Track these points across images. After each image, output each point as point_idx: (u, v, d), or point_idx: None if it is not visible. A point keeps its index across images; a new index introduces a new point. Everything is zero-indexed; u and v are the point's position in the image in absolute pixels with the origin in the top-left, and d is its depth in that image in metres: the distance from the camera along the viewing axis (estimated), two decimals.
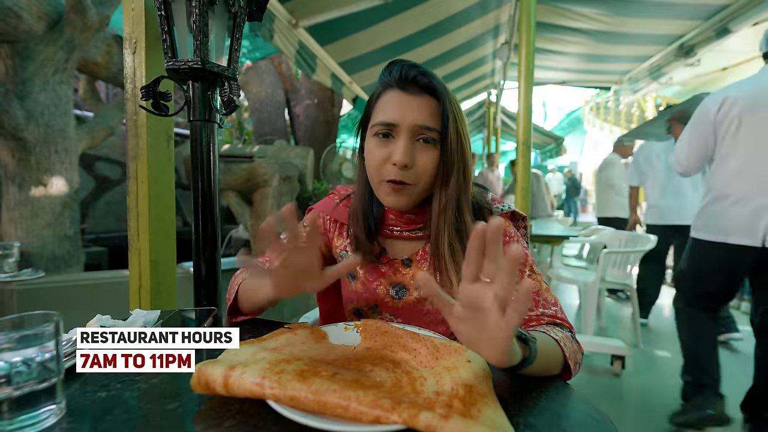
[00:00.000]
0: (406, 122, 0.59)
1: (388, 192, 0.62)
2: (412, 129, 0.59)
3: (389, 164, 0.60)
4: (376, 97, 0.63)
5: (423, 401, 0.36)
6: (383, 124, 0.60)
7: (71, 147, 2.19)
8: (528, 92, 1.81)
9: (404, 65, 0.61)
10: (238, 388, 0.39)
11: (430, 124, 0.60)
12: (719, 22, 2.91)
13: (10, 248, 1.84)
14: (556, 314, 0.59)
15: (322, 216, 0.77)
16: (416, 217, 0.68)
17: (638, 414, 1.69)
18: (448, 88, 0.62)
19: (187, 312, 0.70)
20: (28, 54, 1.96)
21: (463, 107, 7.38)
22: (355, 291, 0.72)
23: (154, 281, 1.05)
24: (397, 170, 0.59)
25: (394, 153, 0.59)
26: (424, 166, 0.60)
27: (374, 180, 0.63)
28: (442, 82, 0.61)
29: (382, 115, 0.61)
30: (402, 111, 0.59)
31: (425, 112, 0.60)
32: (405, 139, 0.59)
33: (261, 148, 3.20)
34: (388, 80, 0.62)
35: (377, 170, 0.62)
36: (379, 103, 0.62)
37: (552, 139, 8.88)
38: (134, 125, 1.04)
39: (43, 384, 0.37)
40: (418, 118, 0.59)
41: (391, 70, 0.62)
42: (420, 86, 0.60)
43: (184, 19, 0.79)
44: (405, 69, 0.60)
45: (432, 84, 0.60)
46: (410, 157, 0.59)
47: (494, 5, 3.27)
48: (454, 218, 0.62)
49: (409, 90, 0.60)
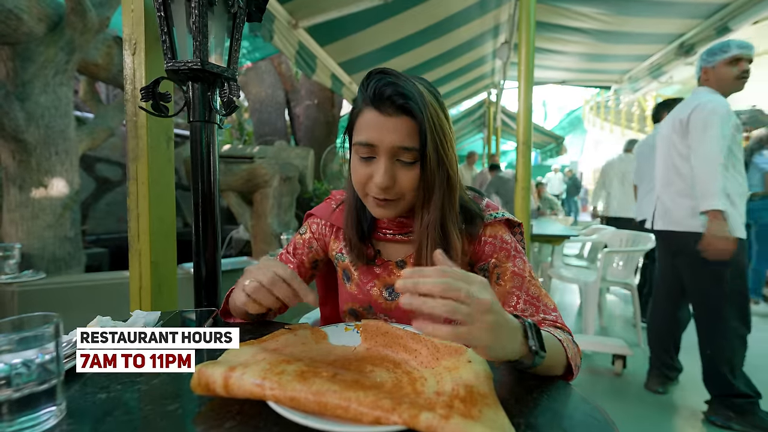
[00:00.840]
0: (384, 144, 0.58)
1: (374, 205, 0.62)
2: (390, 150, 0.58)
3: (372, 183, 0.60)
4: (357, 112, 0.62)
5: (424, 402, 0.36)
6: (363, 145, 0.59)
7: (72, 148, 2.19)
8: (528, 92, 1.81)
9: (379, 82, 0.57)
10: (238, 389, 0.39)
11: (408, 144, 0.58)
12: (719, 20, 2.91)
13: (10, 250, 1.84)
14: (556, 320, 0.60)
15: (318, 221, 0.78)
16: (407, 220, 0.68)
17: (639, 413, 1.69)
18: (427, 100, 0.59)
19: (188, 313, 0.70)
20: (28, 56, 1.97)
21: (463, 107, 7.33)
22: (350, 292, 0.73)
23: (155, 282, 1.05)
24: (378, 190, 0.59)
25: (374, 174, 0.59)
26: (405, 185, 0.60)
27: (360, 193, 0.64)
28: (419, 97, 0.57)
29: (362, 135, 0.59)
30: (379, 133, 0.58)
31: (402, 133, 0.57)
32: (384, 161, 0.58)
33: (261, 149, 3.20)
34: (365, 97, 0.59)
35: (362, 187, 0.62)
36: (359, 121, 0.61)
37: (552, 139, 8.87)
38: (134, 126, 1.04)
39: (44, 385, 0.37)
40: (396, 139, 0.57)
41: (367, 85, 0.59)
42: (396, 106, 0.57)
43: (183, 20, 0.79)
44: (379, 87, 0.57)
45: (408, 105, 0.56)
46: (390, 179, 0.59)
47: (494, 5, 3.26)
48: (438, 236, 0.62)
49: (384, 110, 0.57)
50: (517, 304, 0.61)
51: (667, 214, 1.74)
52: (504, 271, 0.64)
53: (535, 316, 0.60)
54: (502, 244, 0.66)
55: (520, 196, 1.85)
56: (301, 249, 0.77)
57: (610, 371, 2.06)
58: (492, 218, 0.68)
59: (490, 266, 0.66)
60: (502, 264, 0.65)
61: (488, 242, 0.67)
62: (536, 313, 0.60)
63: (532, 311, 0.61)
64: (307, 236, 0.77)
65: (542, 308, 0.61)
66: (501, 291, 0.63)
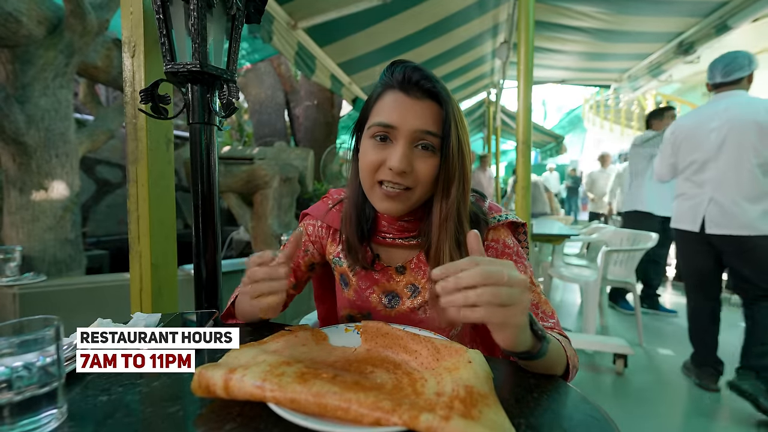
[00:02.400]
0: (406, 126, 0.56)
1: (381, 197, 0.59)
2: (411, 134, 0.57)
3: (385, 168, 0.58)
4: (376, 97, 0.60)
5: (424, 402, 0.36)
6: (382, 126, 0.57)
7: (72, 151, 2.19)
8: (527, 91, 1.81)
9: (407, 66, 0.58)
10: (238, 391, 0.39)
11: (432, 129, 0.57)
12: (719, 19, 2.91)
13: (11, 252, 1.84)
14: (554, 327, 0.60)
15: (314, 223, 0.75)
16: (409, 224, 0.66)
17: (641, 413, 1.69)
18: (451, 93, 0.59)
19: (188, 314, 0.70)
20: (28, 58, 1.97)
21: (463, 107, 7.37)
22: (348, 298, 0.71)
23: (155, 284, 1.05)
24: (393, 174, 0.57)
25: (390, 157, 0.57)
26: (423, 174, 0.58)
27: (367, 183, 0.61)
28: (445, 87, 0.59)
29: (381, 116, 0.58)
30: (403, 114, 0.56)
31: (427, 117, 0.57)
32: (403, 145, 0.57)
33: (261, 150, 3.19)
34: (390, 81, 0.59)
35: (371, 173, 0.59)
36: (379, 103, 0.59)
37: (552, 138, 8.86)
38: (134, 128, 1.04)
39: (45, 388, 0.37)
40: (420, 123, 0.56)
41: (393, 71, 0.59)
42: (423, 90, 0.57)
43: (182, 22, 0.79)
44: (408, 71, 0.57)
45: (436, 89, 0.57)
46: (408, 164, 0.57)
47: (493, 4, 3.26)
48: (454, 229, 0.60)
49: (412, 93, 0.57)
50: None
51: (731, 218, 1.70)
52: None
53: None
54: (504, 249, 0.66)
55: (520, 195, 1.85)
56: (297, 252, 0.76)
57: (611, 370, 2.05)
58: (496, 221, 0.67)
59: None
60: None
61: (491, 246, 0.66)
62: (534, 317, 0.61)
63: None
64: (302, 239, 0.74)
65: (540, 314, 0.61)
66: None
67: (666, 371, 2.09)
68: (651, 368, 2.13)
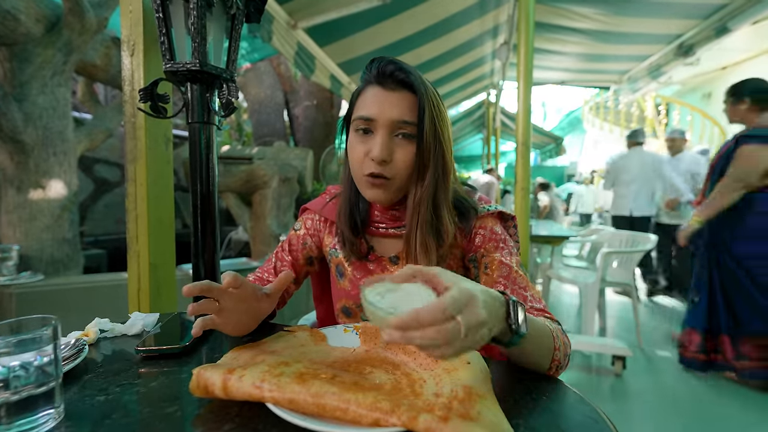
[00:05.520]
0: (384, 117, 0.60)
1: (368, 186, 0.63)
2: (389, 124, 0.60)
3: (369, 159, 0.61)
4: (357, 93, 0.65)
5: (422, 403, 0.36)
6: (363, 119, 0.61)
7: (70, 149, 2.19)
8: (527, 92, 1.81)
9: (382, 62, 0.62)
10: (237, 391, 0.39)
11: (408, 118, 0.60)
12: (718, 20, 2.91)
13: (8, 251, 1.84)
14: (545, 309, 0.61)
15: (313, 217, 0.78)
16: (400, 213, 0.68)
17: (639, 414, 1.69)
18: (427, 83, 0.62)
19: (186, 314, 0.69)
20: (26, 56, 1.96)
21: (462, 107, 7.37)
22: (344, 289, 0.73)
23: (154, 284, 1.05)
24: (375, 165, 0.60)
25: (372, 148, 0.60)
26: (401, 161, 0.61)
27: (357, 175, 0.64)
28: (420, 77, 0.61)
29: (362, 110, 0.62)
30: (380, 106, 0.60)
31: (403, 107, 0.60)
32: (383, 135, 0.60)
33: (260, 150, 3.19)
34: (369, 77, 0.63)
35: (359, 165, 0.62)
36: (360, 98, 0.63)
37: (551, 139, 8.87)
38: (133, 127, 1.04)
39: (42, 388, 0.37)
40: (396, 113, 0.60)
41: (371, 67, 0.63)
42: (397, 81, 0.61)
43: (182, 21, 0.79)
44: (383, 65, 0.61)
45: (409, 78, 0.60)
46: (388, 152, 0.60)
47: (493, 5, 3.26)
48: (429, 215, 0.62)
49: (387, 85, 0.61)
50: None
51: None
52: (491, 261, 0.65)
53: (524, 304, 0.60)
54: (491, 235, 0.67)
55: (519, 196, 1.85)
56: (295, 245, 0.77)
57: (609, 372, 2.06)
58: (485, 211, 0.69)
59: (479, 256, 0.67)
60: (489, 254, 0.65)
61: (479, 233, 0.68)
62: (524, 302, 0.61)
63: (520, 300, 0.61)
64: (301, 232, 0.77)
65: (529, 298, 0.61)
66: (488, 280, 0.64)
67: (665, 373, 2.09)
68: (650, 370, 2.14)
